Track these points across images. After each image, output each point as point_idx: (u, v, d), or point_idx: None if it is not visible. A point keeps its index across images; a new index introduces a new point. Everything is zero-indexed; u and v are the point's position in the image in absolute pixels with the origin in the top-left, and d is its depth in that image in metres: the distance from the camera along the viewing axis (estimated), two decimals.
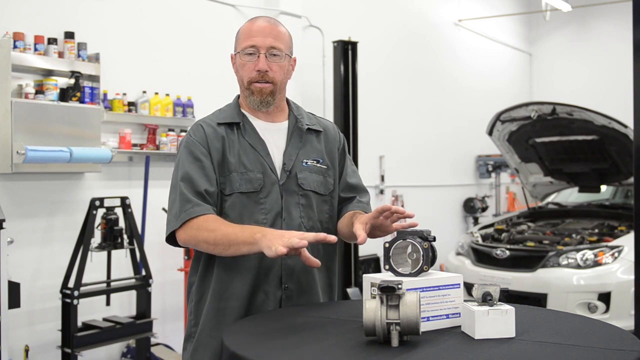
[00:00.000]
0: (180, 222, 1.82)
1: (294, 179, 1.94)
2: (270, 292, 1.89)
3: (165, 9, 4.83)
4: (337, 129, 2.15)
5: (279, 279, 1.89)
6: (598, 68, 9.78)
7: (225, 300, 1.89)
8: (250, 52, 1.92)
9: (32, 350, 3.87)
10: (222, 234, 1.77)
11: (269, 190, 1.90)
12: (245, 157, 1.91)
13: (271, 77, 1.92)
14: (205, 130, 1.94)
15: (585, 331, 1.55)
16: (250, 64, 1.92)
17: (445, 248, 5.59)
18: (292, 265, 1.90)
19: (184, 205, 1.83)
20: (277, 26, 1.97)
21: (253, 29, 1.94)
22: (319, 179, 1.98)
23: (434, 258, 1.72)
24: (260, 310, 1.88)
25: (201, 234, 1.79)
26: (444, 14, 8.34)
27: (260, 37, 1.91)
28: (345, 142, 2.14)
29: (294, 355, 1.41)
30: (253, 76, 1.92)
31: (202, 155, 1.90)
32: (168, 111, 4.65)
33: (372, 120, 6.66)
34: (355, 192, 2.09)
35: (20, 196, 3.91)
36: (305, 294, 1.93)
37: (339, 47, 5.73)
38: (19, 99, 3.76)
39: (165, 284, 4.72)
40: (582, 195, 6.88)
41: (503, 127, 6.17)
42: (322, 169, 2.00)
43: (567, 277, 4.97)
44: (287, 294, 1.90)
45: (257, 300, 1.89)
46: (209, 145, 1.91)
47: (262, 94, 1.93)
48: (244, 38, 1.95)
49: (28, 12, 3.97)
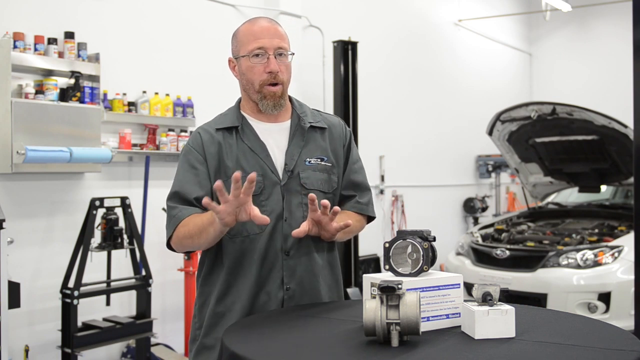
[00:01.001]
0: (171, 229, 1.88)
1: (297, 178, 1.93)
2: (272, 293, 1.88)
3: (165, 9, 4.83)
4: (344, 124, 2.11)
5: (280, 280, 1.89)
6: (598, 68, 9.78)
7: (227, 303, 1.89)
8: (258, 54, 1.90)
9: (32, 350, 3.87)
10: (192, 225, 1.81)
11: (270, 192, 1.90)
12: (244, 160, 1.91)
13: (281, 78, 1.92)
14: (202, 137, 1.95)
15: (585, 331, 1.55)
16: (260, 66, 1.90)
17: (445, 248, 5.59)
18: (294, 265, 1.90)
19: (171, 212, 1.89)
20: (278, 26, 1.97)
21: (256, 30, 1.92)
22: (323, 177, 1.96)
23: (434, 258, 1.72)
24: (263, 311, 1.87)
25: (180, 232, 1.85)
26: (444, 14, 8.34)
27: (266, 38, 1.90)
28: (351, 137, 2.10)
29: (294, 355, 1.41)
30: (264, 78, 1.90)
31: (197, 163, 1.91)
32: (168, 111, 4.65)
33: (372, 120, 6.66)
34: (356, 190, 2.06)
35: (20, 196, 3.91)
36: (308, 295, 1.93)
37: (339, 47, 5.74)
38: (19, 99, 3.76)
39: (165, 284, 4.72)
40: (582, 195, 6.88)
41: (503, 127, 6.17)
42: (326, 167, 1.98)
43: (567, 277, 4.97)
44: (289, 294, 1.89)
45: (259, 301, 1.89)
46: (205, 151, 1.92)
47: (275, 97, 1.92)
48: (248, 40, 1.92)
49: (28, 12, 3.97)
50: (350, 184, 2.05)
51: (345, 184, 2.05)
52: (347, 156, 2.06)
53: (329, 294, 1.99)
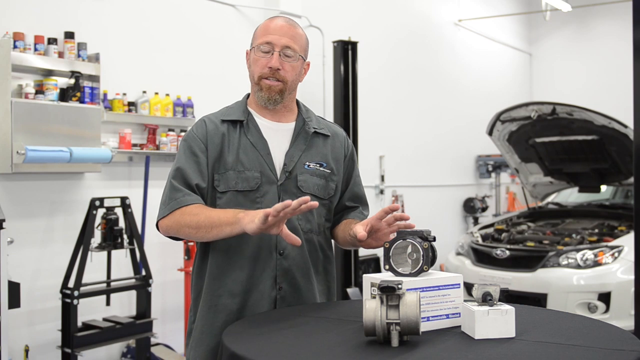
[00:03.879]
0: (170, 209, 1.85)
1: (294, 180, 1.93)
2: (265, 291, 1.88)
3: (166, 9, 4.82)
4: (347, 138, 2.14)
5: (273, 279, 1.89)
6: (598, 68, 9.78)
7: (218, 297, 1.89)
8: (265, 50, 1.92)
9: (32, 350, 3.87)
10: (205, 217, 1.79)
11: (267, 189, 1.90)
12: (245, 155, 1.92)
13: (282, 76, 1.93)
14: (207, 126, 1.96)
15: (585, 331, 1.55)
16: (263, 60, 1.93)
17: (445, 248, 5.59)
18: (288, 266, 1.90)
19: (175, 194, 1.86)
20: (295, 27, 1.98)
21: (271, 26, 1.95)
22: (320, 183, 1.97)
23: (434, 258, 1.72)
24: (255, 309, 1.88)
25: (184, 218, 1.82)
26: (444, 14, 8.34)
27: (276, 35, 1.92)
28: (354, 151, 2.13)
29: (294, 355, 1.41)
30: (264, 72, 1.93)
31: (199, 151, 1.91)
32: (168, 111, 4.65)
33: (372, 120, 6.66)
34: (359, 203, 2.11)
35: (20, 196, 3.91)
36: (301, 296, 1.92)
37: (339, 47, 5.73)
38: (19, 99, 3.75)
39: (165, 284, 4.72)
40: (582, 195, 6.88)
41: (503, 127, 6.17)
42: (325, 173, 1.99)
43: (567, 277, 4.97)
44: (281, 294, 1.90)
45: (252, 298, 1.88)
46: (208, 141, 1.93)
47: (271, 92, 1.93)
48: (260, 35, 1.95)
49: (28, 12, 3.97)
50: (355, 196, 2.10)
51: (350, 195, 2.09)
52: (349, 168, 2.09)
53: (321, 298, 2.00)
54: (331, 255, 2.05)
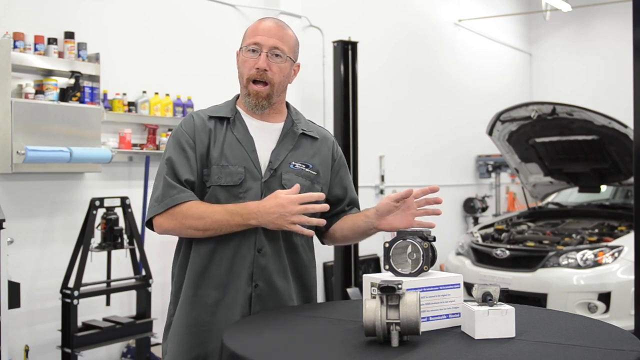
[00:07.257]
0: (164, 207, 1.85)
1: (278, 178, 1.93)
2: (241, 288, 1.88)
3: (166, 9, 4.82)
4: (336, 143, 2.14)
5: (249, 276, 1.88)
6: (598, 68, 9.77)
7: (196, 289, 1.90)
8: (253, 50, 1.92)
9: (32, 350, 3.87)
10: (211, 221, 1.82)
11: (250, 185, 1.90)
12: (229, 151, 1.92)
13: (269, 77, 1.92)
14: (195, 121, 1.96)
15: (585, 331, 1.55)
16: (250, 61, 1.93)
17: (445, 248, 5.58)
18: (264, 264, 1.89)
19: (169, 191, 1.86)
20: (285, 29, 1.98)
21: (260, 27, 1.95)
22: (305, 184, 1.95)
23: (434, 258, 1.72)
24: (231, 305, 1.87)
25: (188, 222, 1.84)
26: (444, 14, 8.34)
27: (265, 36, 1.92)
28: (342, 155, 2.13)
29: (294, 355, 1.41)
30: (252, 73, 1.92)
31: (187, 146, 1.92)
32: (168, 111, 4.65)
33: (372, 120, 6.65)
34: (355, 205, 2.14)
35: (20, 196, 3.91)
36: (278, 296, 1.91)
37: (339, 47, 5.73)
38: (19, 99, 3.75)
39: (165, 284, 4.70)
40: (582, 195, 6.88)
41: (503, 127, 6.17)
42: (310, 175, 1.98)
43: (567, 277, 4.97)
44: (257, 292, 1.89)
45: (229, 294, 1.88)
46: (196, 136, 1.93)
47: (258, 97, 1.93)
48: (249, 36, 1.96)
49: (28, 12, 3.97)
50: (351, 200, 2.12)
51: (349, 201, 2.11)
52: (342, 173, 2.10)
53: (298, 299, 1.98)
54: (312, 257, 2.04)
